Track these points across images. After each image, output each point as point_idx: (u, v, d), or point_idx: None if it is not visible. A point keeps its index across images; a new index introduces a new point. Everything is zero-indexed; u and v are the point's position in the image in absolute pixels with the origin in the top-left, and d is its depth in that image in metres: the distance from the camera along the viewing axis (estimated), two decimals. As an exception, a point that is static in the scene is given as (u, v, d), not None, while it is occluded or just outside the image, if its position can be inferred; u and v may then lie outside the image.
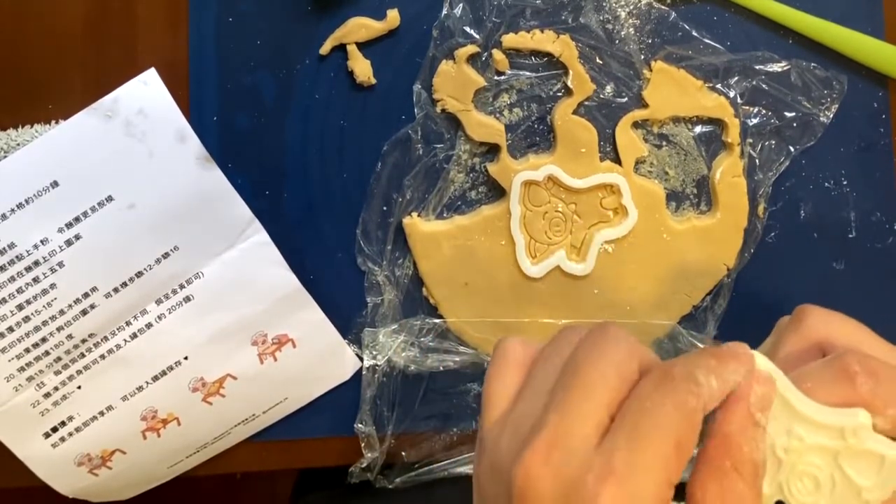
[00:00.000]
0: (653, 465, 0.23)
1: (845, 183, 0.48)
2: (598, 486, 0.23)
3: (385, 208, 0.46)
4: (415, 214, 0.46)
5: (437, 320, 0.46)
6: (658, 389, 0.24)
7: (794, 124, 0.47)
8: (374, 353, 0.45)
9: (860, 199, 0.48)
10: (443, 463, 0.47)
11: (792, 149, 0.47)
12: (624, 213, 0.46)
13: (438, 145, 0.45)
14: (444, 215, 0.46)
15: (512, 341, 0.29)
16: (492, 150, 0.46)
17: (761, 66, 0.46)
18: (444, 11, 0.44)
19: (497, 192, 0.46)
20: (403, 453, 0.47)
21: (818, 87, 0.46)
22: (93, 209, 0.40)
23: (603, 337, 0.26)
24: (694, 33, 0.46)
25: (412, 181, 0.45)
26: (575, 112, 0.45)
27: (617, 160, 0.46)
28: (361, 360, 0.46)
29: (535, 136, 0.46)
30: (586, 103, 0.46)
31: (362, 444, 0.46)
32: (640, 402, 0.24)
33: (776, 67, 0.46)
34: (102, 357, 0.43)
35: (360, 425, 0.46)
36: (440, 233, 0.46)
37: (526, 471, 0.24)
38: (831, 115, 0.47)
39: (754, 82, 0.46)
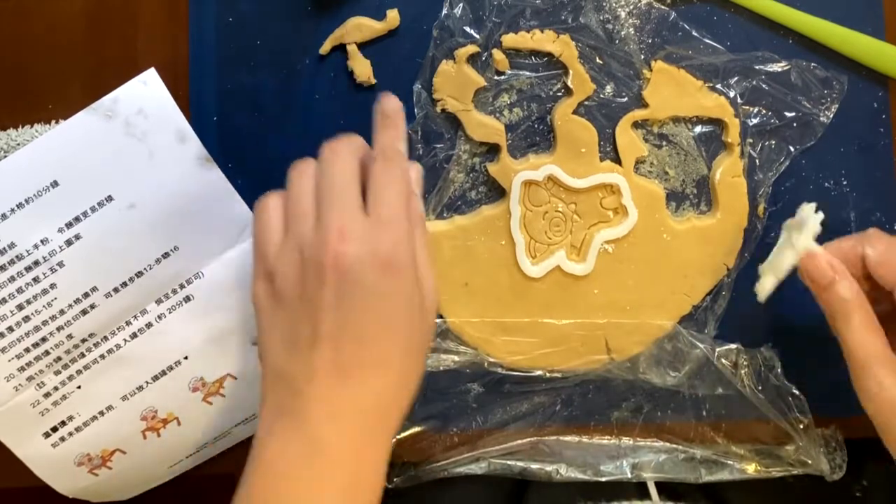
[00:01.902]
0: (399, 202, 0.35)
1: (845, 183, 0.47)
2: (382, 233, 0.34)
3: (385, 208, 0.46)
4: (415, 214, 0.46)
5: (437, 320, 0.46)
6: (386, 169, 0.35)
7: (794, 124, 0.47)
8: (374, 353, 0.45)
9: (860, 199, 0.48)
10: (443, 463, 0.47)
11: (792, 149, 0.47)
12: (624, 213, 0.46)
13: (438, 145, 0.45)
14: (444, 215, 0.46)
15: (268, 195, 0.37)
16: (492, 150, 0.46)
17: (761, 66, 0.46)
18: (444, 11, 0.44)
19: (497, 192, 0.46)
20: (403, 453, 0.47)
21: (818, 87, 0.46)
22: (93, 209, 0.40)
23: (335, 153, 0.36)
24: (694, 33, 0.46)
25: (412, 181, 0.45)
26: (575, 112, 0.45)
27: (617, 160, 0.46)
28: (361, 360, 0.46)
29: (535, 136, 0.46)
30: (586, 103, 0.46)
31: (362, 444, 0.46)
32: (378, 181, 0.35)
33: (776, 67, 0.46)
34: (102, 357, 0.43)
35: (360, 425, 0.45)
36: (440, 233, 0.46)
37: (335, 252, 0.33)
38: (831, 115, 0.47)
39: (754, 82, 0.46)
